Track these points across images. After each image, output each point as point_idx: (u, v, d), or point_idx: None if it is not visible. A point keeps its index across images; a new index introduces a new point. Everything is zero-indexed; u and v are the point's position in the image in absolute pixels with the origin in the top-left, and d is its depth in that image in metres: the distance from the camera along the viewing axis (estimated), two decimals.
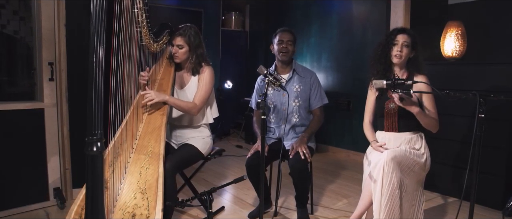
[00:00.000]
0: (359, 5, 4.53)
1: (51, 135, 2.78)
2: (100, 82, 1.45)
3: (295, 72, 2.73)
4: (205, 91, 2.37)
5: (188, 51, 2.39)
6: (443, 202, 3.07)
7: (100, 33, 1.44)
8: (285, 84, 2.70)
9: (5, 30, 3.32)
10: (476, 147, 1.76)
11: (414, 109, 2.11)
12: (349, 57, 4.68)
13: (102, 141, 1.49)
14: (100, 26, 1.44)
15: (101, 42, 1.45)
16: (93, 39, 1.43)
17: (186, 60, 2.43)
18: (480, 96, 1.75)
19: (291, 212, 2.84)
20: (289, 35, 2.69)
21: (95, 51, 1.43)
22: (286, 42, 2.67)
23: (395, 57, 2.24)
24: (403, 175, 2.04)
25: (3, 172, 2.59)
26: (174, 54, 2.39)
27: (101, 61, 1.45)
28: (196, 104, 2.33)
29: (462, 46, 3.17)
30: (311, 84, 2.72)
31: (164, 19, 2.48)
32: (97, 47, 1.44)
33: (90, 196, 1.53)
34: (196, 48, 2.39)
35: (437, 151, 3.08)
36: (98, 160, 1.49)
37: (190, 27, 2.39)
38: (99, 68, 1.45)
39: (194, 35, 2.37)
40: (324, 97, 2.76)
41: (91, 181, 1.50)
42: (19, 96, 3.03)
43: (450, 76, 3.14)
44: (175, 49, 2.37)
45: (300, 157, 2.43)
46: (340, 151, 4.85)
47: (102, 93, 1.46)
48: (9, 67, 3.37)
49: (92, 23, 1.43)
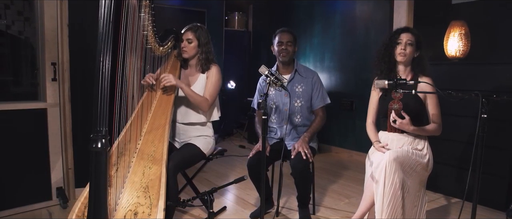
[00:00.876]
0: (362, 5, 4.52)
1: (53, 134, 2.79)
2: (106, 81, 1.49)
3: (297, 72, 2.73)
4: (214, 89, 2.41)
5: (197, 46, 2.42)
6: (446, 203, 3.06)
7: (107, 35, 1.48)
8: (286, 85, 2.70)
9: (10, 30, 3.35)
10: (478, 148, 1.75)
11: (410, 128, 2.14)
12: (352, 57, 4.67)
13: (106, 137, 1.52)
14: (107, 28, 1.48)
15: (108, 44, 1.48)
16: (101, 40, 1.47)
17: (194, 56, 2.45)
18: (482, 96, 1.74)
19: (293, 212, 2.83)
20: (288, 36, 2.67)
21: (102, 51, 1.47)
22: (285, 44, 2.66)
23: (399, 56, 2.23)
24: (405, 176, 2.03)
25: (6, 171, 2.61)
26: (182, 48, 2.41)
27: (107, 60, 1.48)
28: (208, 99, 2.36)
29: (465, 46, 3.15)
30: (313, 84, 2.71)
31: (168, 20, 2.51)
32: (104, 48, 1.48)
33: (94, 192, 1.55)
34: (205, 45, 2.43)
35: (441, 152, 3.07)
36: (102, 156, 1.53)
37: (201, 26, 2.46)
38: (105, 67, 1.49)
39: (204, 34, 2.44)
40: (326, 98, 2.75)
41: (95, 177, 1.53)
42: (24, 96, 3.06)
43: (453, 76, 3.13)
44: (185, 43, 2.40)
45: (302, 157, 2.42)
46: (343, 151, 4.84)
47: (107, 91, 1.49)
48: (14, 67, 3.39)
49: (100, 25, 1.47)
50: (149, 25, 2.10)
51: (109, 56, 1.49)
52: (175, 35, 2.39)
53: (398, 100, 2.23)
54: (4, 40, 3.42)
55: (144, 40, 2.12)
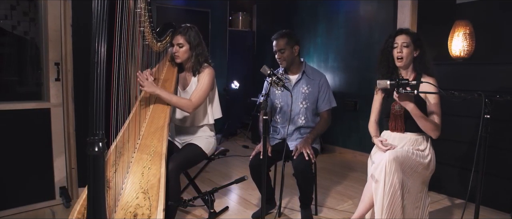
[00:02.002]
0: (366, 5, 4.49)
1: (57, 134, 2.81)
2: (101, 82, 1.48)
3: (304, 73, 2.71)
4: (202, 91, 2.34)
5: (189, 50, 2.39)
6: (450, 204, 3.03)
7: (101, 33, 1.46)
8: (293, 85, 2.69)
9: (15, 31, 3.37)
10: (481, 148, 1.73)
11: (409, 105, 2.06)
12: (356, 57, 4.65)
13: (103, 141, 1.50)
14: (101, 26, 1.46)
15: (103, 42, 1.46)
16: (95, 39, 1.45)
17: (187, 60, 2.43)
18: (485, 96, 1.72)
19: (295, 213, 2.82)
20: (280, 43, 2.61)
21: (97, 51, 1.46)
22: (278, 52, 2.63)
23: (397, 60, 2.21)
24: (405, 176, 2.01)
25: (10, 170, 2.63)
26: (174, 53, 2.39)
27: (102, 61, 1.47)
28: (192, 101, 2.29)
29: (470, 46, 3.12)
30: (320, 86, 2.69)
31: (171, 20, 2.50)
32: (98, 47, 1.46)
33: (92, 196, 1.54)
34: (196, 47, 2.38)
35: (445, 152, 3.05)
36: (100, 160, 1.50)
37: (191, 27, 2.40)
38: (100, 68, 1.48)
39: (194, 35, 2.38)
40: (332, 101, 2.72)
41: (93, 181, 1.52)
42: (29, 96, 3.06)
43: (457, 76, 3.10)
44: (176, 48, 2.37)
45: (304, 157, 2.41)
46: (347, 152, 4.82)
47: (103, 94, 1.48)
48: (19, 67, 3.42)
49: (94, 23, 1.45)
50: (146, 21, 2.08)
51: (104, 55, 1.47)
52: (174, 29, 2.37)
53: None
54: (10, 40, 3.44)
55: (141, 36, 2.10)
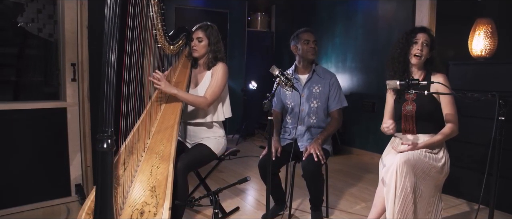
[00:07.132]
0: (384, 4, 4.40)
1: (73, 133, 2.88)
2: (112, 82, 1.50)
3: (314, 73, 2.69)
4: (217, 86, 2.36)
5: (207, 45, 2.42)
6: (469, 210, 2.92)
7: (113, 34, 1.50)
8: (303, 85, 2.67)
9: (41, 33, 3.51)
10: (495, 151, 1.66)
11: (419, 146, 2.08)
12: (374, 57, 4.56)
13: (112, 138, 1.53)
14: (113, 28, 1.50)
15: (114, 43, 1.50)
16: (106, 40, 1.49)
17: (203, 55, 2.46)
18: (499, 97, 1.65)
19: (306, 214, 2.79)
20: (313, 35, 2.70)
21: (108, 52, 1.49)
22: (313, 42, 2.68)
23: (414, 57, 2.15)
24: (418, 180, 1.95)
25: (28, 167, 2.71)
26: (193, 47, 2.43)
27: (113, 61, 1.50)
28: (207, 98, 2.32)
29: (492, 44, 3.00)
30: (330, 85, 2.67)
31: (190, 20, 2.54)
32: (109, 48, 1.49)
33: (100, 192, 1.57)
34: (215, 44, 2.43)
35: (462, 155, 2.94)
36: (108, 156, 1.53)
37: (211, 25, 2.45)
38: (111, 68, 1.50)
39: (214, 32, 2.43)
40: (343, 100, 2.69)
41: (101, 177, 1.55)
42: (53, 96, 3.17)
43: (479, 76, 2.98)
44: (195, 42, 2.41)
45: (313, 159, 2.38)
46: (365, 153, 4.73)
47: (113, 92, 1.51)
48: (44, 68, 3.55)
49: (106, 25, 1.49)
50: (158, 24, 2.10)
51: (115, 56, 1.50)
52: (187, 33, 2.40)
53: (411, 101, 2.15)
54: (36, 42, 3.59)
55: (153, 39, 2.13)
